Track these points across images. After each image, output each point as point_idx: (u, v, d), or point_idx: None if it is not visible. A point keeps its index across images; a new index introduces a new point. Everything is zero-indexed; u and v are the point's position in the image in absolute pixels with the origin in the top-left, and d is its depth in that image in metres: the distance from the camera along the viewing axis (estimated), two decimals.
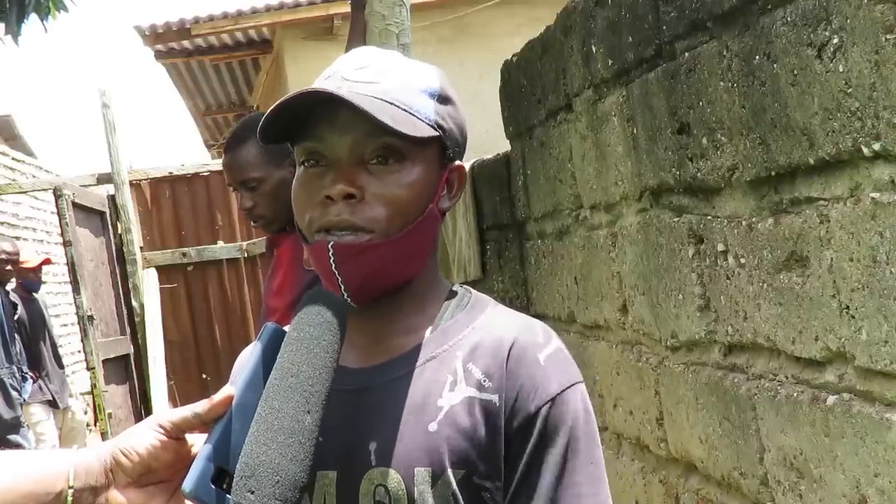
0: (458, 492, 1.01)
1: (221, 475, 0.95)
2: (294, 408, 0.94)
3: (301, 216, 1.07)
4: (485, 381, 1.04)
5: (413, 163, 1.05)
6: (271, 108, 1.04)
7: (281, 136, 1.09)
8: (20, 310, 6.24)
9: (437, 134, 1.07)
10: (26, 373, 6.15)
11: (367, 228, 1.03)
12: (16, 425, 5.65)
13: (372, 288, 1.06)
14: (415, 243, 1.07)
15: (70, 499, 0.97)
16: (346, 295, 1.05)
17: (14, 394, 5.73)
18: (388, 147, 1.04)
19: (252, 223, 2.50)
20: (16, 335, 6.01)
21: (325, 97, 1.02)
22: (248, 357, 1.19)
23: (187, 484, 0.94)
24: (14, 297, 6.23)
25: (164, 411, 1.01)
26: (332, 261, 1.03)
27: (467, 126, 1.15)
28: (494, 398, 1.03)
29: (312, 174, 1.06)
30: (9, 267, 6.07)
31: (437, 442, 1.02)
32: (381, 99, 1.03)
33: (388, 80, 1.06)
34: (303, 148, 1.07)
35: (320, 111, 1.04)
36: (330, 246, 1.03)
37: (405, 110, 1.04)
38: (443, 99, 1.10)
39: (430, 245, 1.11)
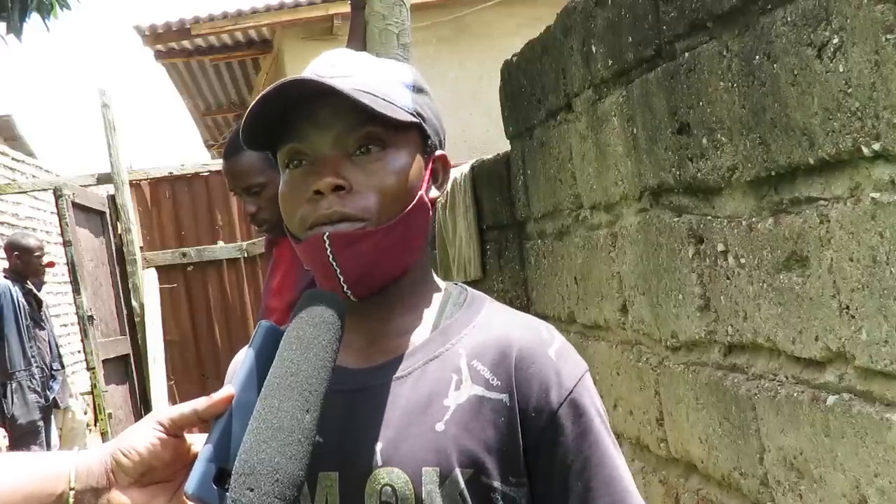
0: (465, 491, 1.01)
1: (223, 475, 0.95)
2: (293, 406, 0.94)
3: (291, 216, 1.07)
4: (492, 379, 1.04)
5: (396, 149, 1.06)
6: (251, 105, 1.03)
7: (264, 144, 1.09)
8: (44, 307, 6.24)
9: (417, 121, 1.08)
10: (56, 370, 6.16)
11: (360, 217, 1.03)
12: (33, 431, 5.65)
13: (371, 278, 1.06)
14: (408, 231, 1.07)
15: (71, 500, 0.97)
16: (345, 288, 1.04)
17: (33, 396, 5.73)
18: (370, 136, 1.05)
19: (256, 227, 2.50)
20: (37, 332, 6.00)
21: (309, 85, 1.02)
22: (243, 357, 1.19)
23: (189, 485, 0.94)
24: (35, 292, 6.20)
25: (163, 409, 1.01)
26: (329, 252, 1.03)
27: (468, 126, 1.15)
28: (504, 397, 1.03)
29: (298, 174, 1.06)
30: (44, 261, 6.08)
31: (444, 441, 1.01)
32: (359, 89, 1.04)
33: (361, 74, 1.07)
34: (286, 150, 1.07)
35: (299, 111, 1.05)
36: (325, 237, 1.02)
37: (383, 99, 1.05)
38: (418, 90, 1.11)
39: (422, 235, 1.11)
